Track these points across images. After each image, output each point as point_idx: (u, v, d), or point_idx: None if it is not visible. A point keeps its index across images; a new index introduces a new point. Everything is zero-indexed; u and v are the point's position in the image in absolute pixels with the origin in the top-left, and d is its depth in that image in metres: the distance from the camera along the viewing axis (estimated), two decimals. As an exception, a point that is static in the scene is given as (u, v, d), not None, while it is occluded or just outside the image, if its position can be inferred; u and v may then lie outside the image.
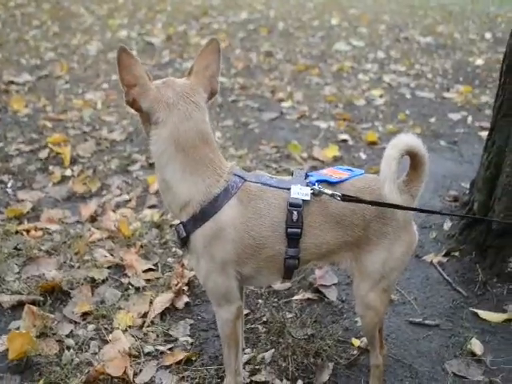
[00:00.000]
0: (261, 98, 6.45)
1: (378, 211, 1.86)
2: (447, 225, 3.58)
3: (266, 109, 6.03)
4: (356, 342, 2.50)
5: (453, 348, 2.51)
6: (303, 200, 1.81)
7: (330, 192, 1.80)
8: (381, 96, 6.63)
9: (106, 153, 4.64)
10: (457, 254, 3.21)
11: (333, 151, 4.74)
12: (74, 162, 4.42)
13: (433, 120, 5.82)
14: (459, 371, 2.37)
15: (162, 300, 2.66)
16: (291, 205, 1.80)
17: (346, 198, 1.79)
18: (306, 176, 1.89)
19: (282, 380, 2.25)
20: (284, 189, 1.84)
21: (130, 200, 3.82)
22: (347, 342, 2.51)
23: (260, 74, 7.47)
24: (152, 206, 3.74)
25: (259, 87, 6.84)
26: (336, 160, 4.65)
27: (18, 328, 2.48)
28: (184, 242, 1.87)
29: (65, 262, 3.03)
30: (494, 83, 7.40)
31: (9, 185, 4.00)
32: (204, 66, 1.85)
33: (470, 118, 5.86)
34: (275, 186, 1.84)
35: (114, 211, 3.60)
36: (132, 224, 3.41)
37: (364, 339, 2.48)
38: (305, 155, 4.72)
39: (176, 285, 2.77)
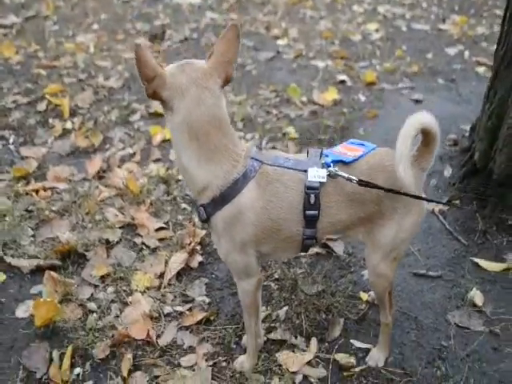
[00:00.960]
0: (256, 35, 6.22)
1: (389, 188, 1.85)
2: (448, 171, 3.59)
3: (262, 48, 5.84)
4: (364, 296, 2.58)
5: (455, 299, 2.60)
6: (320, 182, 1.79)
7: (346, 175, 1.78)
8: (377, 30, 6.42)
9: (104, 102, 4.52)
10: (457, 202, 3.25)
11: (332, 94, 4.64)
12: (73, 113, 4.31)
13: (430, 56, 5.68)
14: (461, 322, 2.47)
15: (177, 260, 2.70)
16: (309, 188, 1.79)
17: (361, 183, 1.78)
18: (321, 155, 1.86)
19: (296, 337, 2.34)
20: (301, 171, 1.82)
21: (134, 154, 3.77)
22: (356, 296, 2.58)
23: (253, 8, 7.16)
24: (157, 160, 3.70)
25: (253, 23, 6.58)
26: (336, 104, 4.58)
27: (40, 293, 2.52)
28: (205, 222, 1.87)
29: (77, 223, 3.03)
30: (489, 12, 7.18)
31: (10, 141, 3.91)
32: (222, 51, 1.76)
33: (466, 53, 5.72)
34: (292, 168, 1.82)
35: (119, 167, 3.56)
36: (139, 180, 3.39)
37: (371, 293, 2.56)
38: (304, 99, 4.63)
39: (189, 244, 2.80)
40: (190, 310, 2.49)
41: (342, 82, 5.02)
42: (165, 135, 3.91)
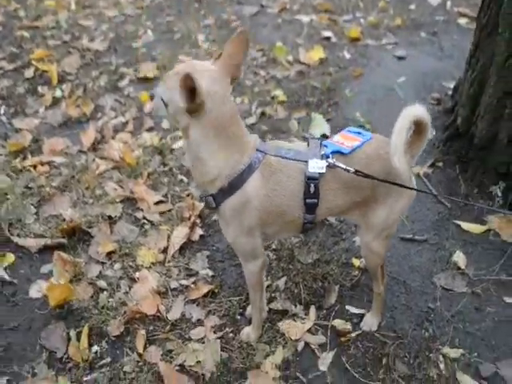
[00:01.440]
0: (238, -13, 5.98)
1: (385, 175, 1.90)
2: (431, 133, 3.63)
3: (245, 1, 5.64)
4: (356, 263, 2.68)
5: (440, 262, 2.72)
6: (319, 173, 1.84)
7: (344, 166, 1.83)
8: (360, -20, 6.20)
9: (92, 67, 4.38)
10: (441, 164, 3.32)
11: (318, 53, 4.57)
12: (61, 79, 4.19)
13: (413, 7, 5.56)
14: (446, 284, 2.60)
15: (179, 235, 2.75)
16: (309, 178, 1.86)
17: (358, 173, 1.83)
18: (321, 145, 1.89)
19: (295, 306, 2.45)
20: (302, 161, 1.86)
21: (126, 123, 3.72)
22: (349, 263, 2.68)
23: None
24: (150, 129, 3.66)
25: (235, -26, 6.30)
26: (322, 63, 4.52)
27: (51, 272, 2.56)
28: (213, 209, 1.93)
29: (78, 199, 3.04)
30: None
31: (2, 111, 3.81)
32: (230, 54, 1.80)
33: (449, 3, 5.61)
34: (293, 159, 1.85)
35: (113, 138, 3.52)
36: (134, 151, 3.37)
37: (363, 260, 2.66)
38: (290, 58, 4.55)
39: (189, 218, 2.84)
40: (194, 283, 2.56)
41: (327, 38, 4.92)
42: (156, 102, 3.84)
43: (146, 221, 2.90)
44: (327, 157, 1.86)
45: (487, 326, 2.40)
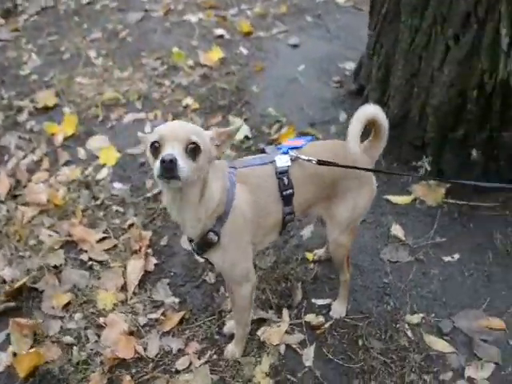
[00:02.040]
0: (115, -7, 5.82)
1: (343, 171, 2.08)
2: (342, 117, 3.89)
3: (127, 7, 5.51)
4: (310, 256, 2.85)
5: (381, 238, 2.96)
6: (287, 166, 2.02)
7: (305, 157, 2.02)
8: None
9: (-19, 106, 4.08)
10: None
11: (217, 53, 4.64)
12: (-50, 126, 3.86)
13: (293, -8, 5.78)
14: (392, 257, 2.86)
15: (134, 269, 2.73)
16: (280, 173, 2.02)
17: (320, 162, 2.01)
18: (278, 149, 2.09)
19: (267, 312, 2.56)
20: (268, 163, 2.03)
21: (40, 160, 3.55)
22: (304, 258, 2.84)
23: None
24: (67, 163, 3.52)
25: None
26: (222, 62, 4.59)
27: (8, 339, 2.44)
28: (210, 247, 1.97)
29: (12, 255, 2.88)
30: None
31: None
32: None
33: (324, -16, 5.90)
34: (261, 164, 2.02)
35: (30, 180, 3.35)
36: (58, 190, 3.24)
37: (316, 252, 2.84)
38: (191, 63, 4.57)
39: (139, 249, 2.83)
40: (163, 314, 2.57)
41: (221, 36, 4.99)
42: (65, 132, 3.70)
43: (93, 262, 2.83)
44: (286, 153, 2.04)
45: (435, 287, 2.70)
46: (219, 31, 5.02)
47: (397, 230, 2.98)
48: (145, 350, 2.41)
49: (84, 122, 3.84)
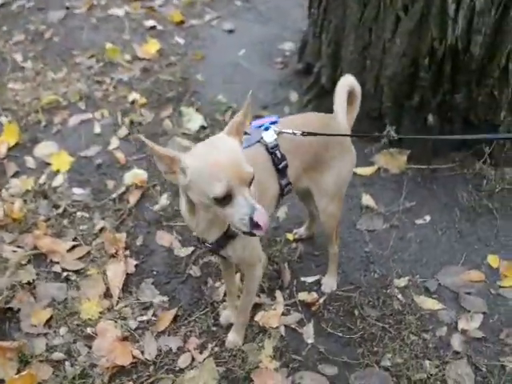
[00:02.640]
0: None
1: (325, 140, 2.12)
2: (293, 96, 3.94)
3: (46, 7, 5.22)
4: (291, 237, 2.88)
5: (354, 209, 3.05)
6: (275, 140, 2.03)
7: (290, 131, 2.03)
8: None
9: None
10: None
11: (153, 45, 4.54)
12: None
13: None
14: (368, 227, 2.95)
15: (115, 273, 2.62)
16: (271, 148, 2.02)
17: (305, 133, 2.04)
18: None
19: (259, 296, 2.56)
20: (256, 142, 2.01)
21: (-17, 174, 3.30)
22: (287, 239, 2.86)
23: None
24: (16, 174, 3.30)
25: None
26: (161, 54, 4.49)
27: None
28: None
29: (-24, 277, 2.67)
30: None
31: None
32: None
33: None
34: (250, 145, 1.97)
35: (-22, 196, 3.12)
36: (14, 204, 3.04)
37: (296, 231, 2.87)
38: (128, 57, 4.42)
39: (116, 252, 2.72)
40: (154, 315, 2.50)
41: (153, 27, 4.87)
42: (8, 143, 3.47)
43: (68, 272, 2.68)
44: (268, 128, 2.04)
45: (414, 249, 2.82)
46: (150, 23, 4.89)
47: (368, 200, 3.08)
48: (142, 353, 2.34)
49: (26, 129, 3.62)
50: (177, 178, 1.66)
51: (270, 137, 2.03)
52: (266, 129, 2.05)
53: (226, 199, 1.56)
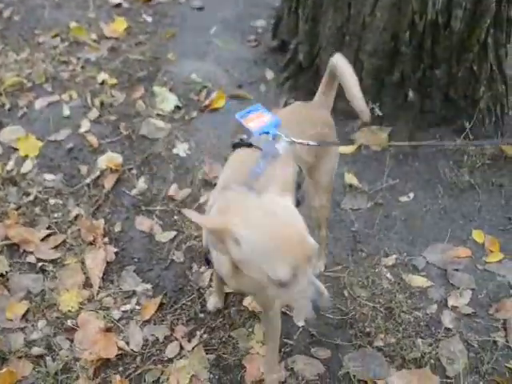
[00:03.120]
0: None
1: (322, 137, 2.01)
2: (269, 74, 3.82)
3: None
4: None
5: (338, 189, 2.95)
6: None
7: (305, 142, 1.83)
8: None
9: None
10: (292, 101, 3.53)
11: (121, 24, 4.32)
12: None
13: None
14: (353, 206, 2.89)
15: (95, 262, 2.49)
16: None
17: (321, 143, 1.94)
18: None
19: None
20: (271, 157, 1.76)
21: None
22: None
23: None
24: (-20, 160, 3.10)
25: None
26: (129, 33, 4.29)
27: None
28: None
29: None
30: None
31: None
32: None
33: None
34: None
35: None
36: (-21, 192, 2.84)
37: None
38: (94, 36, 4.20)
39: (94, 240, 2.58)
40: (138, 304, 2.38)
41: (118, 5, 4.64)
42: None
43: (44, 263, 2.53)
44: (275, 136, 1.78)
45: (399, 227, 2.78)
46: (115, 0, 4.65)
47: (351, 179, 3.02)
48: (128, 344, 2.22)
49: (-12, 113, 3.39)
50: (227, 250, 1.39)
51: (285, 149, 1.76)
52: (273, 136, 1.76)
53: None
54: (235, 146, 1.82)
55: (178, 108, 3.49)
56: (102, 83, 3.67)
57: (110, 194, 2.87)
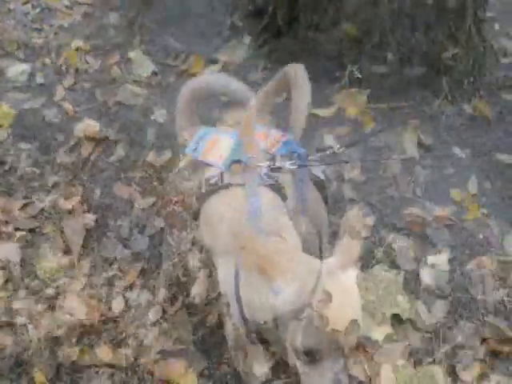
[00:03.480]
0: None
1: None
2: (247, 39, 3.73)
3: None
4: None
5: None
6: None
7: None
8: None
9: None
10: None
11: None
12: None
13: None
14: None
15: (74, 230, 2.44)
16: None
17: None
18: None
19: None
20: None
21: None
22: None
23: None
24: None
25: None
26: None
27: None
28: None
29: None
30: None
31: None
32: None
33: None
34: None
35: None
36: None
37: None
38: (67, 2, 4.04)
39: (72, 208, 2.53)
40: (120, 270, 2.36)
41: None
42: None
43: (22, 232, 2.47)
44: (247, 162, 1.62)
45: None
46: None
47: (330, 141, 2.99)
48: (110, 309, 2.20)
49: (-41, 82, 3.27)
50: None
51: (318, 171, 1.79)
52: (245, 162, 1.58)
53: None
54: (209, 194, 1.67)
55: (154, 74, 3.41)
56: (77, 50, 3.55)
57: (87, 161, 2.81)
